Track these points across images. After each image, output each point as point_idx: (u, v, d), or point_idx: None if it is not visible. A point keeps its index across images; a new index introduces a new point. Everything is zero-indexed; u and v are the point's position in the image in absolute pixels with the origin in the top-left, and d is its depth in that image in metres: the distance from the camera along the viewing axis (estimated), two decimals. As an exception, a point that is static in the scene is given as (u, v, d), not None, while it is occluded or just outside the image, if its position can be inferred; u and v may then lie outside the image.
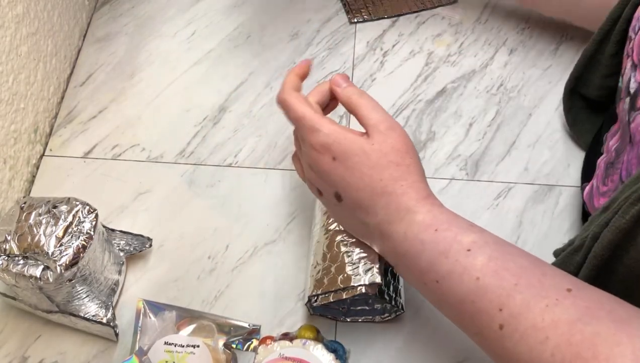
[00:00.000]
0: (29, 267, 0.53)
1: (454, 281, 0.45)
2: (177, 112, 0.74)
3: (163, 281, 0.62)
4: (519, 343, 0.41)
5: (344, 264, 0.54)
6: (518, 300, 0.42)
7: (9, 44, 0.64)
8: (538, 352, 0.40)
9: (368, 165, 0.49)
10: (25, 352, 0.59)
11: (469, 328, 0.46)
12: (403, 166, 0.49)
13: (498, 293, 0.43)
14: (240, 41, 0.79)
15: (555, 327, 0.40)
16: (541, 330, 0.40)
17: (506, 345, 0.42)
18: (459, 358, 0.57)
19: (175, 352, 0.54)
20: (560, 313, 0.40)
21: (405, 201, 0.48)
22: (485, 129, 0.70)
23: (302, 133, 0.52)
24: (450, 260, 0.45)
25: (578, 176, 0.66)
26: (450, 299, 0.46)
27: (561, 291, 0.42)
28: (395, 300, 0.55)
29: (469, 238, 0.46)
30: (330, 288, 0.54)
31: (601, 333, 0.38)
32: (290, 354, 0.52)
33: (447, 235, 0.46)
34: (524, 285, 0.42)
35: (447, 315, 0.48)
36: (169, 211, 0.66)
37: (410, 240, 0.47)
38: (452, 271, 0.45)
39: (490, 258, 0.44)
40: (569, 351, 0.39)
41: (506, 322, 0.42)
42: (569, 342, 0.39)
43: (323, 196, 0.53)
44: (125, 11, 0.83)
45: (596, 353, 0.38)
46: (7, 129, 0.65)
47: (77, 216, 0.55)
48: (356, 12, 0.81)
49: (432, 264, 0.46)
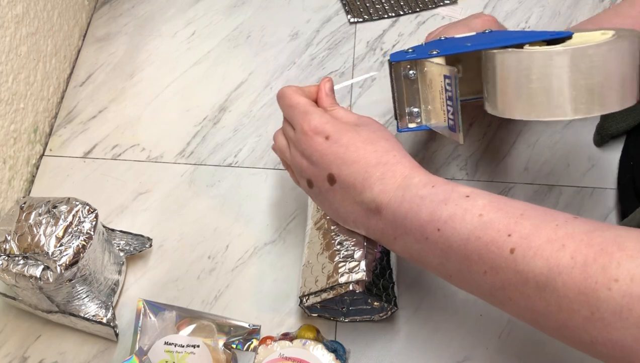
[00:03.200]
0: (29, 267, 0.53)
1: (456, 222, 0.44)
2: (177, 112, 0.74)
3: (163, 281, 0.62)
4: (534, 259, 0.40)
5: (332, 262, 0.54)
6: (526, 224, 0.42)
7: (8, 44, 0.64)
8: (556, 259, 0.39)
9: (360, 139, 0.50)
10: (25, 352, 0.59)
11: (475, 271, 0.44)
12: (392, 141, 0.51)
13: (505, 223, 0.42)
14: (240, 41, 0.79)
15: (571, 237, 0.39)
16: (556, 240, 0.40)
17: (520, 268, 0.41)
18: (459, 358, 0.57)
19: (175, 352, 0.54)
20: (574, 227, 0.40)
21: (400, 168, 0.49)
22: (485, 129, 0.70)
23: (295, 119, 0.54)
24: (450, 205, 0.45)
25: (578, 176, 0.66)
26: (453, 243, 0.45)
27: (568, 216, 0.41)
28: (387, 296, 0.55)
29: (466, 189, 0.46)
30: (319, 288, 0.54)
31: (623, 234, 0.38)
32: (290, 354, 0.53)
33: (446, 188, 0.47)
34: (530, 214, 0.42)
35: (450, 269, 0.46)
36: (169, 211, 0.66)
37: (409, 199, 0.47)
38: (454, 214, 0.45)
39: (490, 200, 0.45)
40: (591, 251, 0.38)
41: (517, 244, 0.41)
42: (589, 244, 0.38)
43: (314, 186, 0.53)
44: (125, 11, 0.83)
45: (622, 246, 0.37)
46: (7, 129, 0.65)
47: (77, 216, 0.55)
48: (356, 12, 0.81)
49: (433, 213, 0.46)
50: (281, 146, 0.57)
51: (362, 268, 0.53)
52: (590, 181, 0.66)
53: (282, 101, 0.56)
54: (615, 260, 0.37)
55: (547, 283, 0.39)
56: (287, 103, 0.55)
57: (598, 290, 0.37)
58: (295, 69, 0.76)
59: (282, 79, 0.76)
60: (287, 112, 0.55)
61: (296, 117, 0.53)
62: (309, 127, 0.52)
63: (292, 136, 0.54)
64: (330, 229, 0.56)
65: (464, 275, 0.45)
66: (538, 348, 0.57)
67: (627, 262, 0.36)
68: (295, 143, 0.54)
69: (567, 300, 0.38)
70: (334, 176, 0.51)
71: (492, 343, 0.58)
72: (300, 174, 0.54)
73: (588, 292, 0.37)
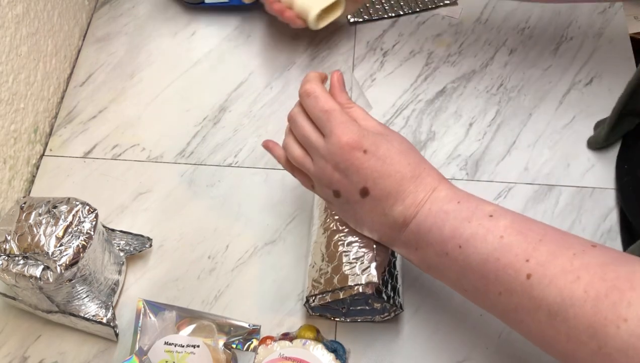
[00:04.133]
0: (29, 267, 0.53)
1: (477, 241, 0.46)
2: (177, 112, 0.74)
3: (163, 281, 0.62)
4: (549, 287, 0.41)
5: (341, 264, 0.54)
6: (544, 251, 0.42)
7: (9, 44, 0.64)
8: (569, 290, 0.40)
9: (395, 151, 0.50)
10: (25, 352, 0.59)
11: (490, 291, 0.45)
12: (417, 151, 0.52)
13: (524, 247, 0.43)
14: (240, 41, 0.79)
15: (586, 268, 0.40)
16: (571, 272, 0.40)
17: (534, 294, 0.42)
18: (459, 358, 0.57)
19: (175, 352, 0.54)
20: (590, 258, 0.40)
21: (429, 181, 0.49)
22: (485, 129, 0.70)
23: (328, 128, 0.50)
24: (474, 224, 0.46)
25: (578, 176, 0.66)
26: (472, 262, 0.46)
27: (586, 245, 0.42)
28: (394, 299, 0.55)
29: (490, 207, 0.47)
30: (328, 288, 0.54)
31: (637, 271, 0.38)
32: (290, 354, 0.52)
33: (470, 205, 0.48)
34: (549, 240, 0.43)
35: (466, 285, 0.47)
36: (169, 211, 0.66)
37: (435, 213, 0.48)
38: (476, 233, 0.46)
39: (512, 221, 0.45)
40: (604, 286, 0.38)
41: (534, 270, 0.42)
42: (603, 279, 0.39)
43: (342, 197, 0.51)
44: (125, 11, 0.83)
45: (634, 285, 0.37)
46: (7, 129, 0.65)
47: (77, 216, 0.55)
48: (356, 12, 0.81)
49: (456, 230, 0.47)
50: (297, 157, 0.53)
51: (373, 271, 0.53)
52: (590, 181, 0.66)
53: (314, 101, 0.52)
54: (626, 299, 0.38)
55: (558, 312, 0.40)
56: (322, 107, 0.51)
57: (607, 326, 0.38)
58: (295, 69, 0.76)
59: (282, 79, 0.76)
60: (320, 116, 0.51)
61: (332, 125, 0.50)
62: (347, 140, 0.49)
63: (320, 145, 0.51)
64: (339, 229, 0.55)
65: (480, 293, 0.47)
66: (538, 349, 0.57)
67: (637, 302, 0.37)
68: (325, 154, 0.50)
69: (576, 331, 0.40)
70: (367, 190, 0.50)
71: (492, 343, 0.58)
72: (326, 185, 0.52)
73: (597, 327, 0.38)
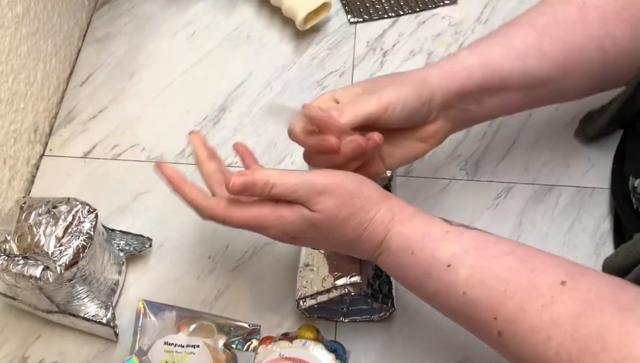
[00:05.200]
0: (29, 267, 0.53)
1: (442, 299, 0.46)
2: (177, 112, 0.74)
3: (163, 281, 0.62)
4: (521, 346, 0.41)
5: (328, 265, 0.55)
6: (511, 305, 0.41)
7: (8, 44, 0.64)
8: (542, 352, 0.39)
9: (327, 234, 0.48)
10: (25, 352, 0.59)
11: (471, 333, 0.46)
12: (357, 211, 0.47)
13: (490, 303, 0.42)
14: (240, 41, 0.79)
15: (556, 326, 0.39)
16: (541, 330, 0.39)
17: (509, 350, 0.42)
18: (459, 358, 0.57)
19: (175, 352, 0.54)
20: (559, 310, 0.39)
21: (375, 237, 0.48)
22: (485, 129, 0.70)
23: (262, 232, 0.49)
24: (433, 279, 0.45)
25: (578, 176, 0.66)
26: (446, 312, 0.47)
27: (555, 286, 0.41)
28: (385, 296, 0.55)
29: (446, 251, 0.45)
30: (316, 290, 0.55)
31: (607, 325, 0.37)
32: (290, 354, 0.52)
33: (425, 254, 0.46)
34: (514, 289, 0.42)
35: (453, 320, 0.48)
36: (169, 211, 0.66)
37: (394, 266, 0.49)
38: (438, 289, 0.45)
39: (473, 268, 0.44)
40: (575, 347, 0.38)
41: (503, 328, 0.42)
42: (574, 338, 0.38)
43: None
44: (125, 11, 0.83)
45: (606, 345, 0.37)
46: (7, 129, 0.65)
47: (77, 216, 0.55)
48: (356, 12, 0.81)
49: (419, 284, 0.47)
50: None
51: (358, 271, 0.54)
52: (590, 181, 0.66)
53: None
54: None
55: None
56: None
57: None
58: (295, 69, 0.76)
59: (282, 79, 0.76)
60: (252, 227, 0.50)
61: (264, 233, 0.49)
62: (274, 237, 0.49)
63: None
64: None
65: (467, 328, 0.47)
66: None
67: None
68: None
69: None
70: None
71: (492, 343, 0.58)
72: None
73: None
